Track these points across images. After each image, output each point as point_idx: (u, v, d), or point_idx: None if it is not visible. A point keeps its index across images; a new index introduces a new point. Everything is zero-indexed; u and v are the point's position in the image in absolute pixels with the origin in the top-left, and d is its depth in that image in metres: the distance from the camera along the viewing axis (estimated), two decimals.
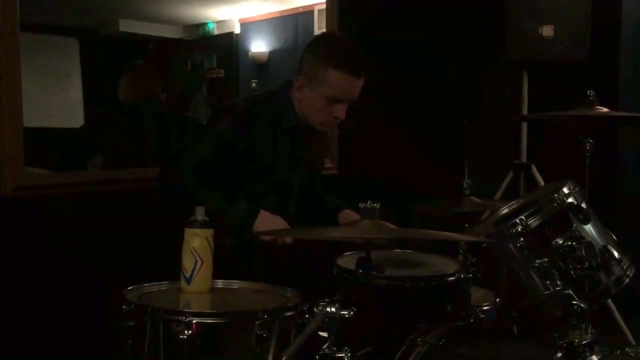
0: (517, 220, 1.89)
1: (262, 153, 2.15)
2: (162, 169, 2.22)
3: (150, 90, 3.05)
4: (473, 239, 1.88)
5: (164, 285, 1.67)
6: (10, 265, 2.22)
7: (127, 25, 3.31)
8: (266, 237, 2.03)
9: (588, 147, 2.62)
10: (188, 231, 1.62)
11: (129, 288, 1.60)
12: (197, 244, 1.61)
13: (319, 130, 2.28)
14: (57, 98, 2.84)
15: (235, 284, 1.71)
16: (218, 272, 1.67)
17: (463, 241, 1.94)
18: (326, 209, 2.41)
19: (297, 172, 2.29)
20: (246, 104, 2.24)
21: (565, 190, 1.94)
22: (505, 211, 2.21)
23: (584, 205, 1.93)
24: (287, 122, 2.19)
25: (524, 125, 3.47)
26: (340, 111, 2.16)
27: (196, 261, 1.60)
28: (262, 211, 2.07)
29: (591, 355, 1.71)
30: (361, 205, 1.64)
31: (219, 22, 4.28)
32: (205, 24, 4.16)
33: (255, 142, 2.13)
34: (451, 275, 1.78)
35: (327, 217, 2.37)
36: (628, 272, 1.95)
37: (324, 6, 3.18)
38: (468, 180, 2.33)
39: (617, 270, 1.92)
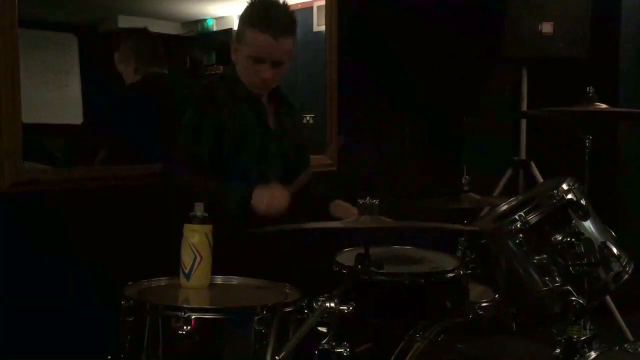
0: (517, 217, 1.89)
1: (231, 127, 2.19)
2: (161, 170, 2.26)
3: (160, 62, 2.98)
4: (470, 228, 1.88)
5: (163, 281, 1.67)
6: (9, 261, 2.22)
7: (126, 22, 3.30)
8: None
9: (587, 144, 2.62)
10: (187, 227, 1.62)
11: (128, 284, 1.59)
12: (196, 239, 1.61)
13: (285, 98, 2.37)
14: (55, 94, 2.83)
15: (234, 279, 1.71)
16: (217, 268, 1.67)
17: (461, 230, 1.94)
18: (314, 198, 2.40)
19: (272, 141, 2.31)
20: (203, 86, 2.36)
21: (565, 186, 1.94)
22: (504, 207, 2.21)
23: (583, 201, 1.93)
24: (238, 92, 2.25)
25: (523, 122, 3.47)
26: (264, 71, 2.21)
27: (195, 257, 1.60)
28: (256, 187, 2.09)
29: (590, 351, 1.71)
30: (360, 201, 1.64)
31: (218, 19, 4.27)
32: (204, 20, 4.15)
33: (222, 118, 2.18)
34: (450, 271, 1.79)
35: (316, 207, 2.36)
36: (627, 269, 1.95)
37: (323, 2, 3.18)
38: (467, 176, 2.33)
39: (616, 267, 1.93)
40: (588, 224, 1.94)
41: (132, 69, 2.85)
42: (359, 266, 1.58)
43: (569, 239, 1.81)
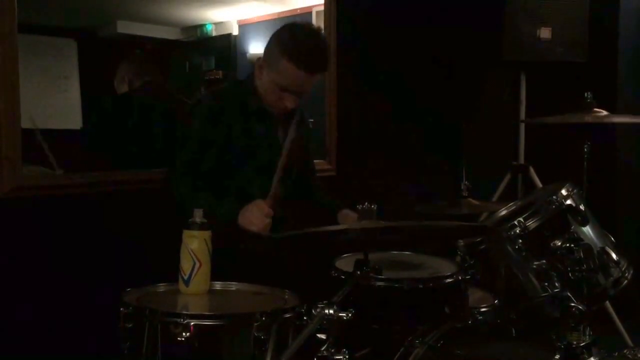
0: (516, 222, 1.89)
1: (239, 140, 2.19)
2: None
3: (154, 77, 3.01)
4: (469, 224, 1.86)
5: (162, 287, 1.67)
6: (8, 266, 2.22)
7: (125, 27, 3.31)
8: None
9: (586, 149, 2.62)
10: (186, 233, 1.62)
11: (127, 290, 1.59)
12: (195, 246, 1.60)
13: (300, 112, 2.33)
14: (55, 99, 2.83)
15: (233, 286, 1.71)
16: (216, 274, 1.67)
17: (461, 237, 1.93)
18: (320, 206, 2.43)
19: (278, 155, 2.26)
20: (213, 97, 2.31)
21: (564, 192, 1.94)
22: (503, 213, 2.21)
23: (582, 207, 1.94)
24: (251, 106, 2.23)
25: (522, 127, 3.47)
26: (289, 101, 2.19)
27: (194, 263, 1.60)
28: (243, 209, 2.07)
29: (589, 357, 1.71)
30: (359, 206, 1.64)
31: (217, 24, 4.27)
32: (204, 25, 4.16)
33: (230, 131, 2.17)
34: (449, 277, 1.79)
35: (322, 215, 2.38)
36: (626, 274, 1.95)
37: (322, 8, 3.18)
38: (466, 182, 2.33)
39: (615, 272, 1.93)
40: (587, 230, 1.94)
41: (126, 84, 2.89)
42: (358, 272, 1.58)
43: (568, 245, 1.81)
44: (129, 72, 2.94)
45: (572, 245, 1.80)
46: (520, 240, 1.88)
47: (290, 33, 2.19)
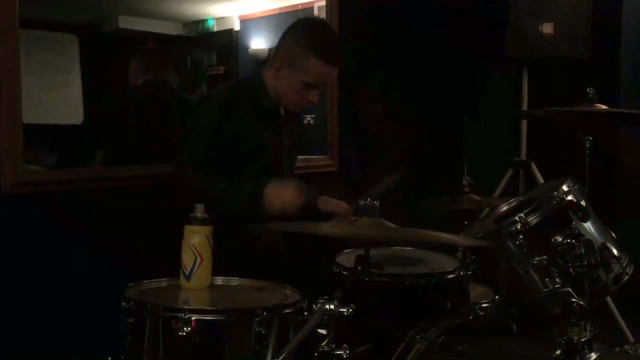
0: (517, 218, 1.89)
1: (247, 138, 2.19)
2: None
3: (163, 73, 3.05)
4: (471, 242, 1.87)
5: (163, 282, 1.67)
6: (9, 263, 2.22)
7: (127, 22, 3.32)
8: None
9: (588, 145, 2.62)
10: (188, 228, 1.62)
11: (129, 285, 1.60)
12: (196, 240, 1.61)
13: (296, 112, 2.36)
14: (56, 94, 2.84)
15: (235, 280, 1.71)
16: (217, 269, 1.67)
17: (461, 245, 1.94)
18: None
19: (284, 154, 2.31)
20: (224, 93, 2.29)
21: (565, 187, 1.94)
22: (504, 209, 2.21)
23: (583, 203, 1.93)
24: (261, 105, 2.23)
25: (524, 123, 3.47)
26: (315, 96, 2.23)
27: (196, 258, 1.60)
28: (269, 183, 2.06)
29: (590, 352, 1.71)
30: (361, 202, 1.64)
31: (218, 19, 4.28)
32: (205, 20, 4.16)
33: (238, 128, 2.17)
34: (450, 272, 1.79)
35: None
36: (627, 270, 1.95)
37: (323, 3, 3.18)
38: (468, 178, 2.33)
39: (616, 268, 1.92)
40: (588, 225, 1.94)
41: (134, 79, 2.91)
42: (359, 267, 1.58)
43: (569, 241, 1.81)
44: (134, 69, 2.96)
45: (573, 241, 1.80)
46: (521, 236, 1.87)
47: (311, 29, 2.22)
